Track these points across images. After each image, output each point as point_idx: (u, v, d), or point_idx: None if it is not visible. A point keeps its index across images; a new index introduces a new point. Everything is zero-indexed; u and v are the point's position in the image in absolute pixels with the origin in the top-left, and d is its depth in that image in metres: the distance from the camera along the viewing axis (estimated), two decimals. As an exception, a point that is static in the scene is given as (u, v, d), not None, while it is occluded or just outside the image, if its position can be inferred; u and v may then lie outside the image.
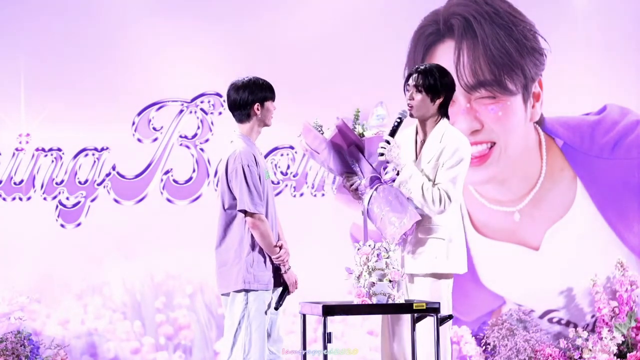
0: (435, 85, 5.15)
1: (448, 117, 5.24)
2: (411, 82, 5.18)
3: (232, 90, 5.20)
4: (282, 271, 5.13)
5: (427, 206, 5.08)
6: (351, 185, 5.15)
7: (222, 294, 5.16)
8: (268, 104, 5.20)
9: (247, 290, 5.04)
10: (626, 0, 7.79)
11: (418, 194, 5.06)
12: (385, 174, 5.09)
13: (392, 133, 5.10)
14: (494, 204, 7.67)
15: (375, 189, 5.06)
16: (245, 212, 5.04)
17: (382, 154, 5.05)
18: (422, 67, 5.21)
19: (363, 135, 5.15)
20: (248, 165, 5.05)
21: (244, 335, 5.02)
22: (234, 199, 5.09)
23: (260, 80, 5.21)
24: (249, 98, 5.15)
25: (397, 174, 5.11)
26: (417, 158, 5.20)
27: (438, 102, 5.19)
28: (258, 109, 5.16)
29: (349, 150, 5.16)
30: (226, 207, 5.11)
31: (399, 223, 5.00)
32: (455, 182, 5.11)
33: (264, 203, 5.08)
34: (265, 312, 5.09)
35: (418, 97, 5.17)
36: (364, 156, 5.12)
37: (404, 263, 5.12)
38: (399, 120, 5.13)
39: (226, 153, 5.17)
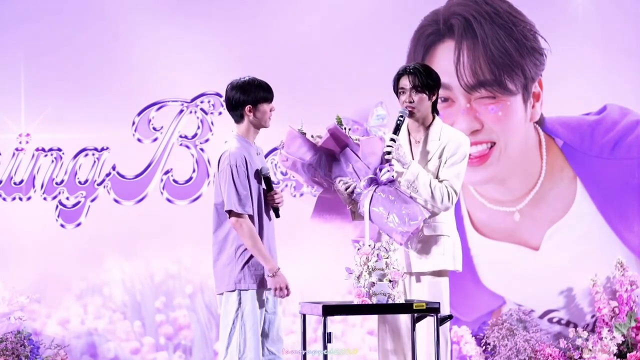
0: (430, 83, 5.16)
1: (438, 113, 5.26)
2: (407, 84, 5.17)
3: (228, 90, 5.13)
4: (266, 274, 4.99)
5: (435, 204, 5.07)
6: (347, 189, 5.12)
7: (218, 294, 5.14)
8: (263, 106, 5.08)
9: (240, 290, 5.01)
10: (626, 0, 7.79)
11: (427, 193, 5.05)
12: (382, 174, 5.08)
13: (396, 131, 5.09)
14: (494, 204, 7.67)
15: (375, 190, 5.05)
16: (230, 213, 5.00)
17: (389, 152, 5.03)
18: (411, 68, 5.19)
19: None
20: (236, 166, 4.99)
21: (238, 335, 4.99)
22: None
23: (256, 81, 5.10)
24: (241, 99, 5.06)
25: (395, 174, 5.09)
26: (412, 158, 5.19)
27: (433, 99, 5.20)
28: (250, 111, 5.08)
29: (342, 153, 5.13)
30: (219, 206, 5.10)
31: (408, 221, 4.98)
32: (459, 178, 5.13)
33: (250, 203, 5.01)
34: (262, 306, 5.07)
35: (417, 97, 5.16)
36: (359, 157, 5.10)
37: (410, 262, 5.12)
38: (401, 119, 5.11)
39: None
